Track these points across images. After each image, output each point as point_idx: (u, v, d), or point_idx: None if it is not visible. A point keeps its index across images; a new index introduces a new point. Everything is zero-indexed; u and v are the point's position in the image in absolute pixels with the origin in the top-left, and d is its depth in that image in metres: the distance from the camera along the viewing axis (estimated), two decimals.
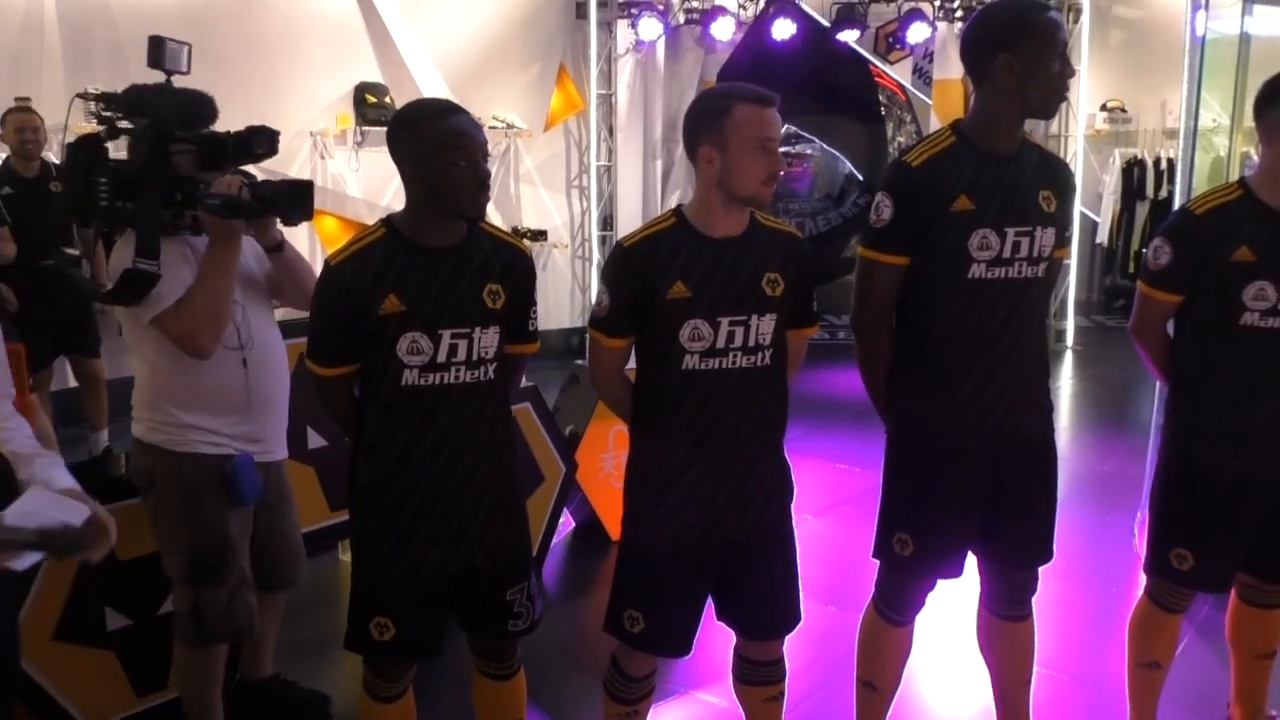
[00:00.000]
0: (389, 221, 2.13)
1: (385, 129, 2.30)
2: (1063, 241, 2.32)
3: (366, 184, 6.96)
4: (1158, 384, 2.80)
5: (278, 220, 2.44)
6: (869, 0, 7.99)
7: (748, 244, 2.12)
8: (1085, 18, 8.27)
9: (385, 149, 2.17)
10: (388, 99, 6.91)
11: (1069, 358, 8.21)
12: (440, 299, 2.06)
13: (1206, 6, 3.83)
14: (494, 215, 7.66)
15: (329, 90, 6.84)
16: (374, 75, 7.00)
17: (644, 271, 2.10)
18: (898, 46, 8.12)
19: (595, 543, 4.17)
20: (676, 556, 2.18)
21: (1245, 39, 5.10)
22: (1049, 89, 2.14)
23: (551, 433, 3.91)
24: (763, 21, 7.84)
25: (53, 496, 1.56)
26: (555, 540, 4.06)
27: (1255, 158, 3.21)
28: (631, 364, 2.27)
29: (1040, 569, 2.44)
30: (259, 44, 6.39)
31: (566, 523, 4.30)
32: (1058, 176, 2.30)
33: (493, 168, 7.55)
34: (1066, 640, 3.36)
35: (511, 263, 2.17)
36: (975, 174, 2.18)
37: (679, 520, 2.16)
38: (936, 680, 3.20)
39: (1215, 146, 5.65)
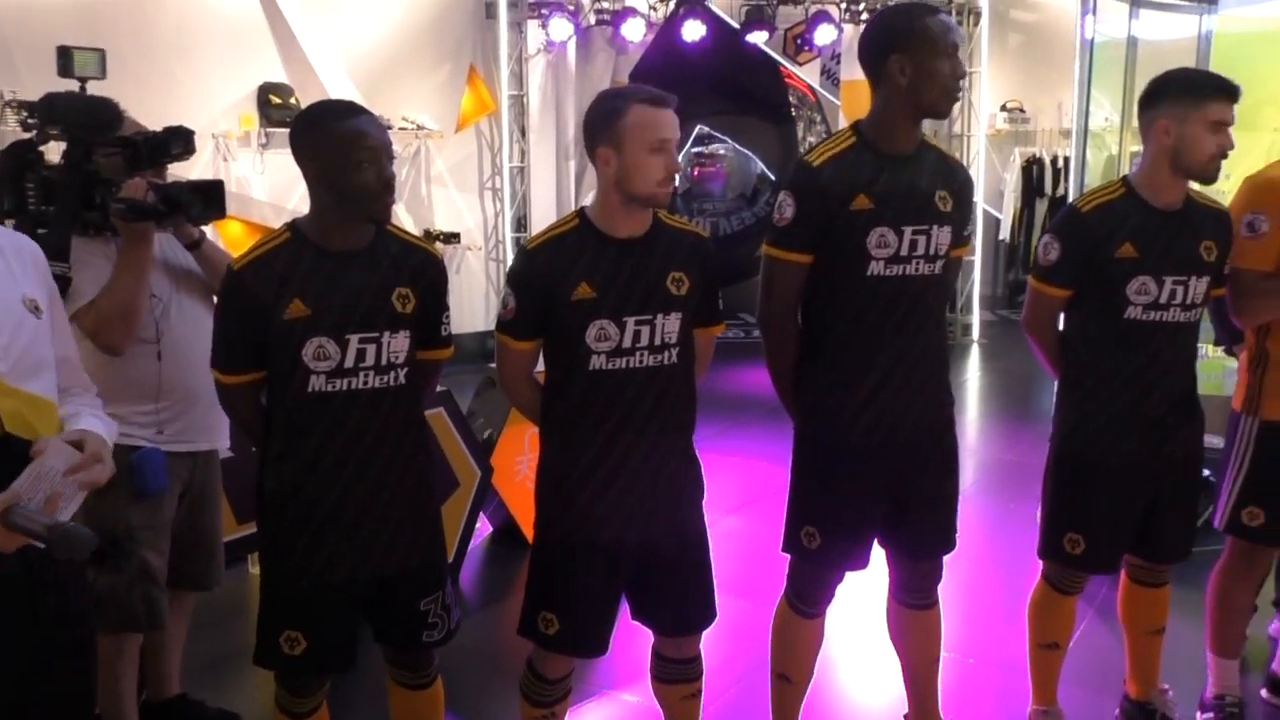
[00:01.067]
0: (294, 225, 2.09)
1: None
2: (961, 240, 2.39)
3: (272, 187, 6.79)
4: None
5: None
6: (777, 2, 8.12)
7: (651, 244, 2.14)
8: (984, 21, 8.53)
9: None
10: (293, 100, 6.76)
11: (975, 351, 8.46)
12: (347, 303, 2.03)
13: (1094, 11, 3.98)
14: (405, 218, 7.55)
15: (230, 91, 6.65)
16: (278, 75, 6.83)
17: (548, 274, 2.11)
18: (806, 48, 8.26)
19: (513, 547, 4.15)
20: (589, 557, 2.19)
21: (1132, 42, 5.33)
22: (940, 89, 2.20)
23: (466, 437, 3.88)
24: (673, 23, 7.90)
25: (61, 460, 1.53)
26: (472, 546, 4.03)
27: None
28: (540, 366, 2.27)
29: (948, 557, 2.50)
30: (153, 43, 6.19)
31: (484, 528, 4.27)
32: (955, 177, 2.37)
33: (403, 170, 7.49)
34: (974, 625, 3.47)
35: (421, 266, 2.15)
36: (874, 173, 2.23)
37: (591, 521, 2.16)
38: (849, 670, 3.26)
39: (1108, 145, 5.89)
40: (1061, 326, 2.58)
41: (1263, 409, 2.62)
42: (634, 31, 7.70)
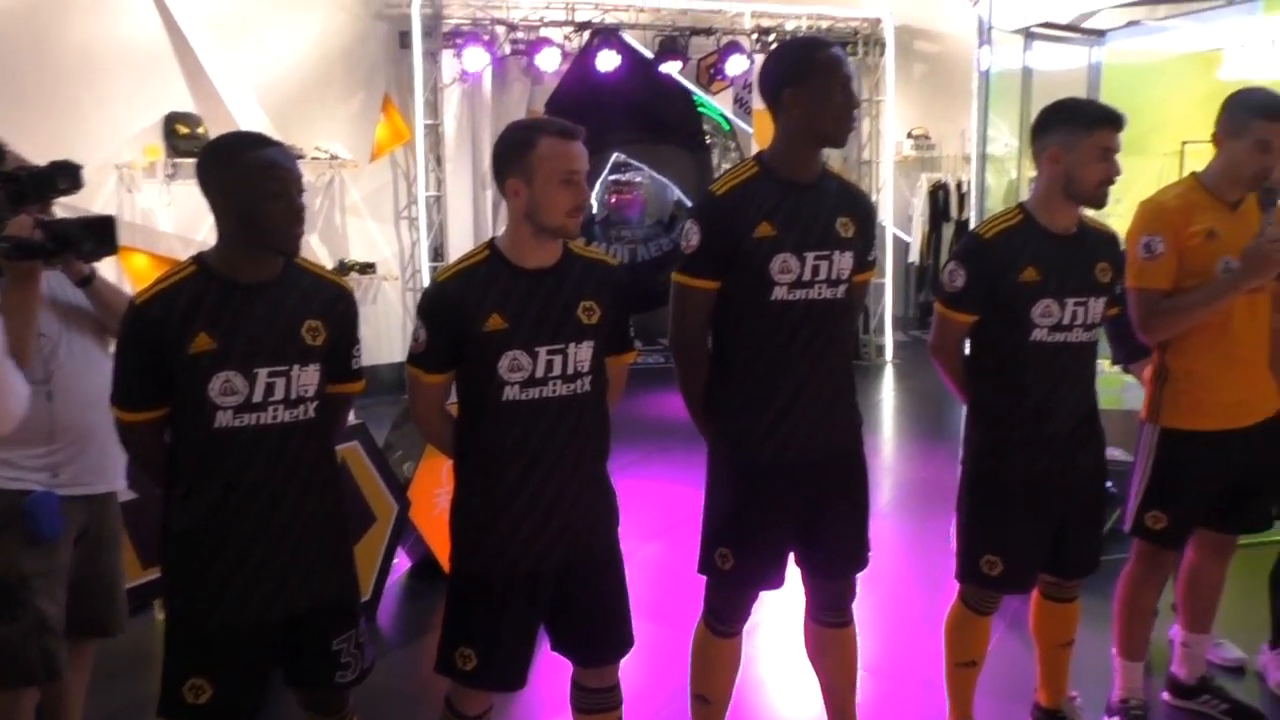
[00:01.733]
0: (200, 258, 2.05)
1: None
2: (864, 265, 2.45)
3: (180, 219, 6.63)
4: None
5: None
6: (689, 33, 8.25)
7: (562, 273, 2.16)
8: (889, 52, 8.80)
9: None
10: (201, 130, 6.62)
11: (888, 371, 8.64)
12: (256, 336, 1.99)
13: (990, 43, 4.14)
14: (319, 248, 7.45)
15: (135, 120, 6.49)
16: (186, 105, 6.70)
17: (459, 305, 2.10)
18: (718, 77, 8.40)
19: (432, 582, 4.09)
20: (506, 590, 2.17)
21: (1027, 72, 5.55)
22: (833, 120, 2.26)
23: (382, 471, 3.82)
24: (588, 53, 7.97)
25: None
26: (390, 581, 3.97)
27: None
28: (453, 398, 2.26)
29: (866, 575, 2.54)
30: (56, 71, 6.03)
31: (402, 563, 4.20)
32: (856, 204, 2.43)
33: (316, 200, 7.41)
34: (892, 642, 3.53)
35: (332, 299, 2.13)
36: (776, 201, 2.28)
37: (507, 553, 2.15)
38: (769, 690, 3.29)
39: (1008, 170, 6.10)
40: (967, 350, 2.65)
41: (1163, 417, 2.73)
42: (549, 61, 7.74)
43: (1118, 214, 3.10)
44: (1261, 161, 2.53)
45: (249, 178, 1.94)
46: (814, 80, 2.24)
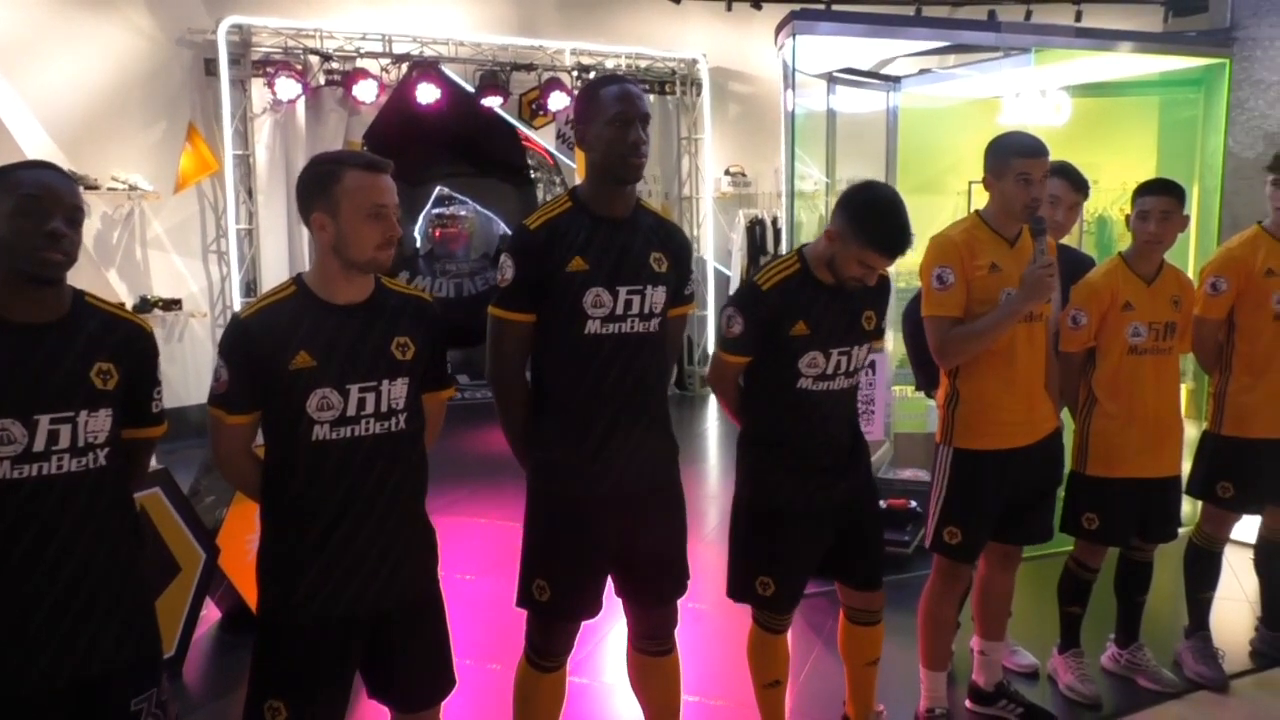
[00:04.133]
0: None
1: None
2: (680, 300, 2.51)
3: None
4: None
5: None
6: (510, 69, 8.28)
7: (374, 309, 2.11)
8: (705, 93, 9.12)
9: None
10: None
11: (712, 401, 8.86)
12: (33, 381, 1.85)
13: (793, 86, 4.35)
14: (118, 284, 7.02)
15: None
16: None
17: (264, 343, 2.02)
18: (541, 113, 8.47)
19: (245, 633, 3.88)
20: (319, 638, 2.09)
21: (831, 114, 5.86)
22: (615, 156, 2.30)
23: (186, 518, 3.61)
24: (407, 85, 7.87)
25: None
26: (198, 635, 3.74)
27: None
28: (260, 440, 2.17)
29: (694, 601, 2.58)
30: None
31: (211, 614, 3.98)
32: (671, 239, 2.49)
33: (114, 232, 6.98)
34: (718, 666, 3.59)
35: (127, 339, 2.00)
36: (588, 236, 2.32)
37: (318, 599, 2.07)
38: None
39: (817, 206, 6.41)
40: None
41: (955, 439, 2.92)
42: (366, 93, 7.60)
43: (916, 249, 3.30)
44: (1027, 193, 2.76)
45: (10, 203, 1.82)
46: (599, 117, 2.30)
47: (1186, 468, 3.50)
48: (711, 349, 9.04)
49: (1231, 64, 5.10)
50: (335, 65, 7.75)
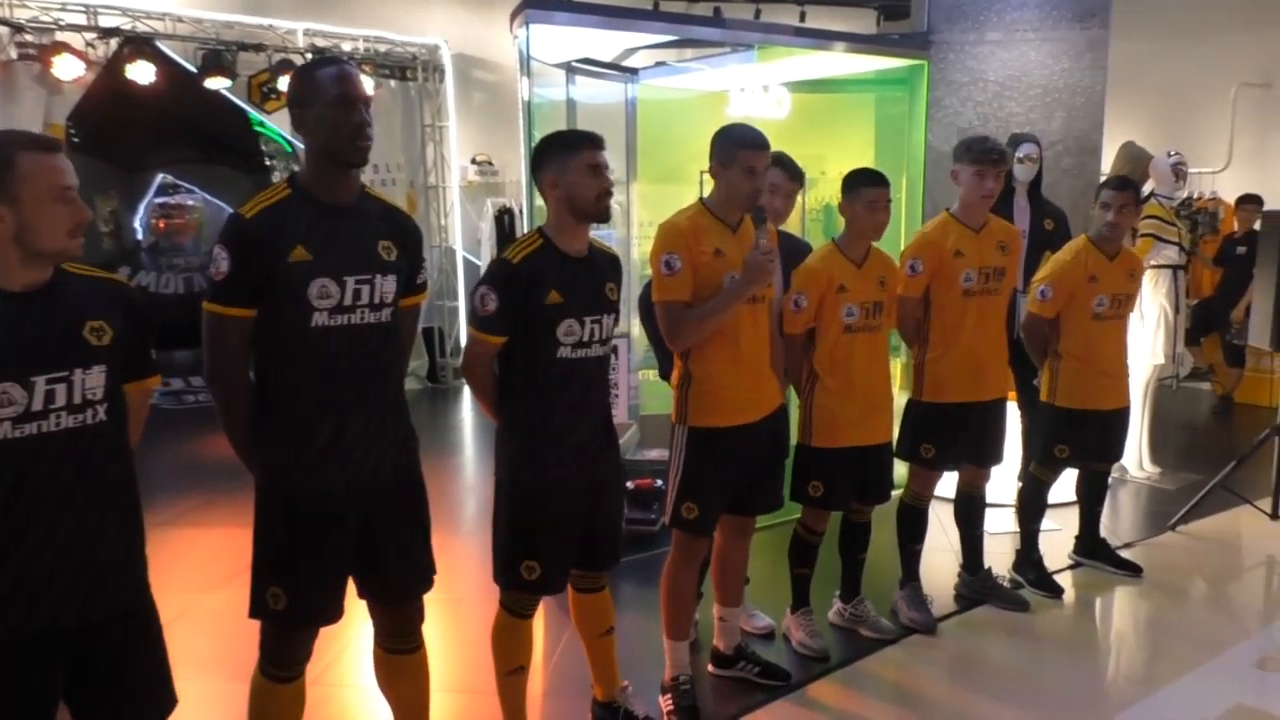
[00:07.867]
0: None
1: None
2: (413, 289, 2.46)
3: None
4: None
5: None
6: (237, 48, 7.80)
7: (55, 294, 1.93)
8: (449, 80, 8.98)
9: None
10: None
11: (465, 393, 8.77)
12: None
13: (529, 75, 4.37)
14: None
15: None
16: None
17: None
18: (273, 96, 8.03)
19: None
20: (11, 659, 1.88)
21: (571, 103, 5.94)
22: (338, 138, 2.23)
23: None
24: (119, 62, 7.23)
25: None
26: None
27: None
28: None
29: (450, 593, 2.53)
30: None
31: None
32: (400, 227, 2.43)
33: None
34: (472, 659, 3.57)
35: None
36: (311, 224, 2.23)
37: (9, 615, 1.86)
38: None
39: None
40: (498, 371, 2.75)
41: (689, 418, 3.03)
42: (68, 70, 6.92)
43: (648, 236, 3.41)
44: (751, 184, 2.92)
45: None
46: (318, 100, 2.22)
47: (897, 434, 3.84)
48: (464, 341, 8.95)
49: (930, 66, 5.62)
50: (30, 38, 6.99)
